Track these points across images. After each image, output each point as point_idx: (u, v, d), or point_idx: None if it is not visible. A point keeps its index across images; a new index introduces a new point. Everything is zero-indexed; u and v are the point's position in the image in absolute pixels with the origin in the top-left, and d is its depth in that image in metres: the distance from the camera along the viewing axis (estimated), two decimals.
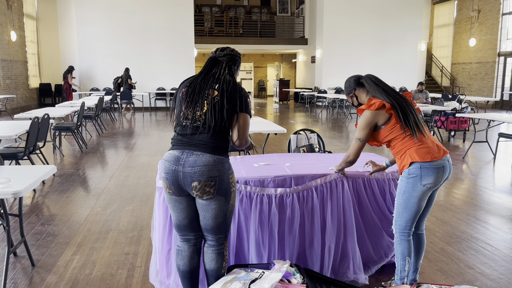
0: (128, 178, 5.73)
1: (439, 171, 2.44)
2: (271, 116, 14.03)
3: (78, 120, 7.67)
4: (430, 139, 2.51)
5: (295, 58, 24.43)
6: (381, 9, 17.82)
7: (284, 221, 2.79)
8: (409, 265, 2.59)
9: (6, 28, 14.11)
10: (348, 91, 2.71)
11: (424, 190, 2.46)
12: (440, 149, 2.49)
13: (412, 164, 2.45)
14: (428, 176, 2.43)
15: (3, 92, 13.79)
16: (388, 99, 2.50)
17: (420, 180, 2.44)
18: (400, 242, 2.59)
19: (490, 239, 3.66)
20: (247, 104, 2.27)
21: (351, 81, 2.68)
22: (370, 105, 2.50)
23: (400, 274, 2.62)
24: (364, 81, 2.61)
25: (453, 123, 8.82)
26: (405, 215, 2.52)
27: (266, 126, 5.48)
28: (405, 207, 2.52)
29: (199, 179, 2.13)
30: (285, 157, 3.37)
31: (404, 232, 2.57)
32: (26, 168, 2.94)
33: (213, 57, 2.35)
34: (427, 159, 2.42)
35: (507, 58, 16.39)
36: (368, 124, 2.51)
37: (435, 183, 2.46)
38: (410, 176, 2.46)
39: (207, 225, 2.27)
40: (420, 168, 2.43)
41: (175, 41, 16.21)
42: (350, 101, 2.74)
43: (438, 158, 2.44)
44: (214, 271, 2.32)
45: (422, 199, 2.49)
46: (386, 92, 2.53)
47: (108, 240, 3.62)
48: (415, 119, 2.49)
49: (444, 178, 2.49)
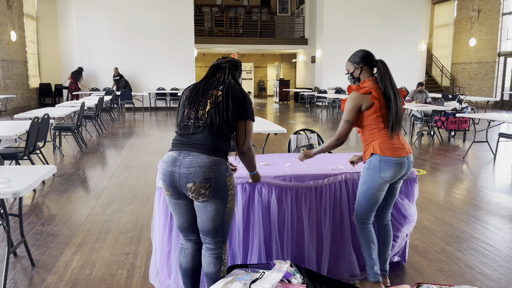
0: (128, 178, 5.73)
1: (397, 166, 2.53)
2: (271, 116, 14.03)
3: (78, 120, 7.67)
4: (398, 138, 2.59)
5: (295, 58, 24.43)
6: (381, 9, 17.82)
7: (283, 221, 2.79)
8: (375, 253, 2.67)
9: (6, 28, 14.11)
10: (356, 60, 2.64)
11: (381, 182, 2.56)
12: (403, 149, 2.57)
13: (372, 155, 2.56)
14: (386, 169, 2.53)
15: (3, 92, 13.79)
16: (385, 89, 2.53)
17: (379, 172, 2.54)
18: (361, 232, 2.68)
19: (490, 239, 3.66)
20: (252, 110, 2.31)
21: (365, 55, 2.63)
22: (360, 88, 2.54)
23: (369, 262, 2.68)
24: (377, 64, 2.59)
25: (453, 123, 8.82)
26: (364, 205, 2.63)
27: (266, 126, 5.48)
28: (364, 197, 2.62)
29: (194, 180, 2.12)
30: (285, 157, 3.37)
31: (364, 221, 2.67)
32: (26, 168, 2.94)
33: (216, 64, 2.39)
34: (387, 154, 2.52)
35: (507, 58, 16.39)
36: (354, 107, 2.55)
37: (392, 177, 2.56)
38: (370, 167, 2.57)
39: (204, 227, 2.25)
40: (379, 160, 2.54)
41: (175, 41, 16.20)
42: (350, 69, 2.69)
43: (398, 155, 2.53)
44: (212, 274, 2.31)
45: (380, 190, 2.58)
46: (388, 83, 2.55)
47: (108, 240, 3.62)
48: (397, 118, 2.54)
49: (401, 174, 2.59)
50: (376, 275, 2.65)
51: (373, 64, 2.63)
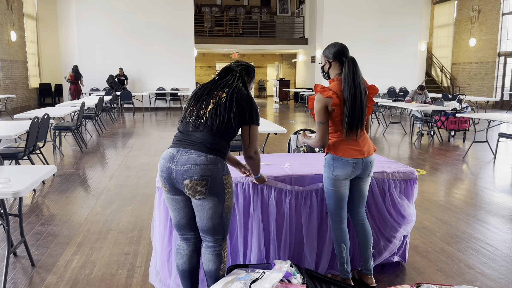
0: (128, 178, 5.73)
1: (349, 165, 2.57)
2: (271, 116, 14.03)
3: (78, 120, 7.67)
4: (360, 140, 2.60)
5: (295, 58, 24.43)
6: (381, 9, 17.82)
7: (283, 221, 2.80)
8: (346, 252, 2.71)
9: (6, 28, 14.11)
10: (328, 55, 2.62)
11: (335, 179, 2.60)
12: (359, 150, 2.58)
13: (327, 154, 2.63)
14: (338, 167, 2.58)
15: (3, 92, 13.79)
16: (347, 93, 2.50)
17: (332, 170, 2.59)
18: (334, 230, 2.72)
19: (490, 239, 3.66)
20: (258, 115, 2.32)
21: (337, 51, 2.58)
22: (324, 90, 2.53)
23: (340, 260, 2.72)
24: (346, 61, 2.55)
25: (453, 123, 8.82)
26: (331, 202, 2.68)
27: (266, 126, 5.48)
28: (328, 194, 2.68)
29: (190, 178, 2.14)
30: (285, 157, 3.37)
31: (335, 219, 2.70)
32: (26, 168, 2.94)
33: (228, 66, 2.42)
34: (339, 154, 2.57)
35: (507, 58, 16.39)
36: (321, 107, 2.54)
37: (345, 175, 2.59)
38: (326, 164, 2.64)
39: (203, 225, 2.27)
40: (332, 159, 2.59)
41: (175, 41, 16.20)
42: (322, 62, 2.68)
43: (351, 156, 2.56)
44: (212, 272, 2.32)
45: (338, 187, 2.62)
46: (352, 84, 2.50)
47: (108, 240, 3.62)
48: (352, 122, 2.53)
49: (357, 173, 2.62)
50: (346, 273, 2.74)
51: (343, 61, 2.58)
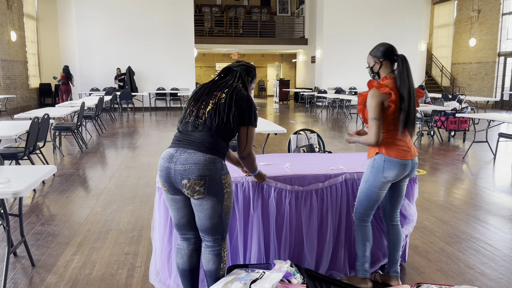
0: (128, 178, 5.73)
1: (400, 167, 2.55)
2: (271, 116, 14.03)
3: (78, 120, 7.67)
4: (407, 139, 2.59)
5: (295, 58, 24.42)
6: (381, 9, 17.82)
7: (283, 221, 2.79)
8: (369, 250, 2.70)
9: (6, 28, 14.11)
10: (377, 55, 2.57)
11: (384, 182, 2.58)
12: (409, 151, 2.57)
13: (377, 154, 2.57)
14: (390, 169, 2.54)
15: (3, 92, 13.79)
16: (403, 90, 2.46)
17: (382, 172, 2.55)
18: (359, 229, 2.70)
19: (490, 239, 3.66)
20: (256, 117, 2.32)
21: (387, 50, 2.55)
22: (381, 86, 2.48)
23: (362, 259, 2.70)
24: (398, 59, 2.52)
25: (453, 123, 8.82)
26: (365, 203, 2.64)
27: (266, 126, 5.48)
28: (366, 195, 2.63)
29: (189, 177, 2.15)
30: (285, 157, 3.37)
31: (363, 218, 2.69)
32: (26, 168, 2.94)
33: (228, 67, 2.42)
34: (391, 155, 2.53)
35: (507, 58, 16.39)
36: (378, 103, 2.46)
37: (395, 178, 2.57)
38: (374, 165, 2.58)
39: (202, 225, 2.27)
40: (384, 160, 2.54)
41: (175, 41, 16.20)
42: (370, 63, 2.63)
43: (403, 157, 2.54)
44: (211, 272, 2.32)
45: (381, 189, 2.60)
46: (407, 81, 2.47)
47: (108, 240, 3.62)
48: (408, 120, 2.50)
49: (404, 175, 2.61)
50: (365, 272, 2.70)
51: (394, 59, 2.55)
